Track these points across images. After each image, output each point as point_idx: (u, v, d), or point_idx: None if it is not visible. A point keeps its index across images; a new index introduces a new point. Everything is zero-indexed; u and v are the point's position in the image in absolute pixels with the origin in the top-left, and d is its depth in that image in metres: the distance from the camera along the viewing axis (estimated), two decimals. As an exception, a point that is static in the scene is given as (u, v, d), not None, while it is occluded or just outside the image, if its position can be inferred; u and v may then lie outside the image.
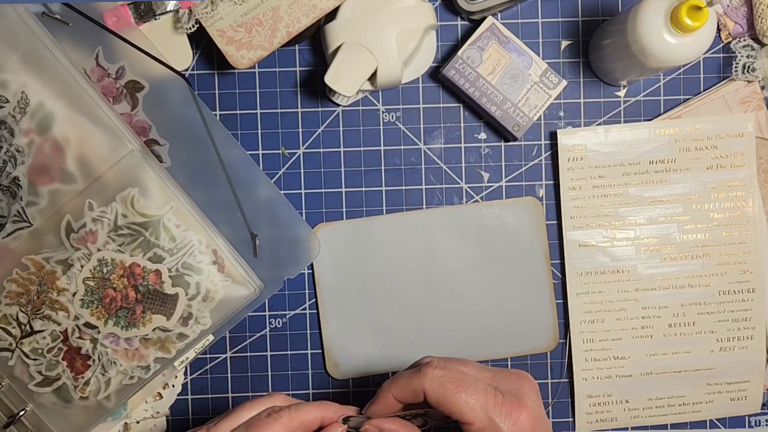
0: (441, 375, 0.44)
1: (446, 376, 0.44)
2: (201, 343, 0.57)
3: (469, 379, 0.44)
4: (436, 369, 0.44)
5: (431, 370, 0.44)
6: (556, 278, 0.61)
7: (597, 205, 0.60)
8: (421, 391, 0.44)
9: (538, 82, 0.57)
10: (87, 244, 0.55)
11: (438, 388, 0.44)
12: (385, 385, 0.47)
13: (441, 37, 0.60)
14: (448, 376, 0.44)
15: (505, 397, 0.44)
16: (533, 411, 0.44)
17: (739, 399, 0.61)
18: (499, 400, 0.43)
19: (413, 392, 0.45)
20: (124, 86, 0.56)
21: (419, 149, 0.60)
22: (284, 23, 0.53)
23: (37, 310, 0.56)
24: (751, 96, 0.60)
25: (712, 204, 0.60)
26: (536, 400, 0.45)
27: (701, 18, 0.47)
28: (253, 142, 0.60)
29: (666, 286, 0.60)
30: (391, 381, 0.46)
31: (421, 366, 0.45)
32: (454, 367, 0.45)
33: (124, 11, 0.55)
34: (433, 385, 0.44)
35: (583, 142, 0.59)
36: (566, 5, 0.60)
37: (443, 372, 0.44)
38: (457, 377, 0.44)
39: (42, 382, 0.57)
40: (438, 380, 0.44)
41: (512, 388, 0.45)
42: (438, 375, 0.44)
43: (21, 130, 0.54)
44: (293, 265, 0.59)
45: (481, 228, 0.60)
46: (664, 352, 0.61)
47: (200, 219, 0.56)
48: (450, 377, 0.44)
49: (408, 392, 0.45)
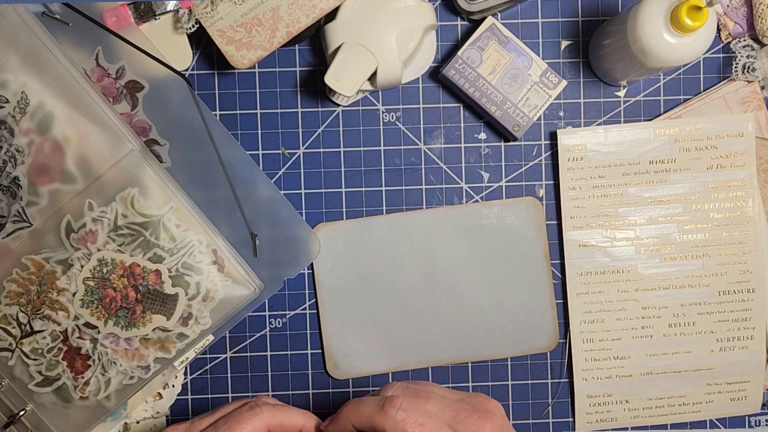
0: (403, 419, 0.44)
1: (408, 420, 0.44)
2: (201, 343, 0.57)
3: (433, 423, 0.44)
4: (399, 411, 0.44)
5: (394, 411, 0.44)
6: (556, 278, 0.61)
7: (597, 205, 0.60)
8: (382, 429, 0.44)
9: (538, 82, 0.57)
10: (87, 244, 0.55)
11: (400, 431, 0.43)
12: (347, 409, 0.46)
13: (441, 37, 0.60)
14: (410, 420, 0.44)
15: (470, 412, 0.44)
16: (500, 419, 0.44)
17: (739, 399, 0.61)
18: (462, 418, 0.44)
19: (372, 427, 0.45)
20: (124, 86, 0.56)
21: (419, 149, 0.60)
22: (284, 23, 0.53)
23: (37, 310, 0.56)
24: (751, 96, 0.60)
25: (712, 204, 0.60)
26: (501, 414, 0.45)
27: (701, 18, 0.47)
28: (253, 142, 0.60)
29: (666, 286, 0.60)
30: (354, 407, 0.46)
31: (385, 403, 0.45)
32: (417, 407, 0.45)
33: (124, 11, 0.55)
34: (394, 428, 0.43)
35: (583, 142, 0.59)
36: (566, 5, 0.60)
37: (405, 415, 0.44)
38: (420, 421, 0.44)
39: (42, 382, 0.57)
40: (400, 424, 0.43)
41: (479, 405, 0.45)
42: (400, 418, 0.44)
43: (21, 130, 0.54)
44: (293, 265, 0.59)
45: (481, 228, 0.60)
46: (664, 352, 0.61)
47: (200, 219, 0.56)
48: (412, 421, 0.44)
49: (368, 426, 0.45)
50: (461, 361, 0.61)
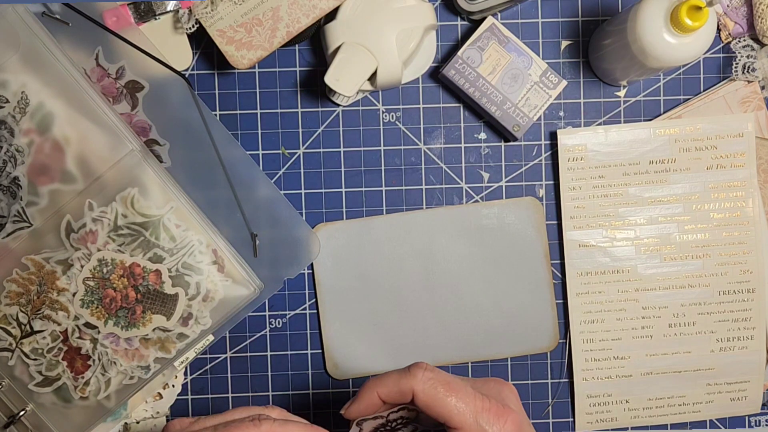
0: (431, 377, 0.44)
1: (436, 378, 0.44)
2: (201, 343, 0.57)
3: (458, 383, 0.44)
4: (426, 371, 0.44)
5: (421, 371, 0.44)
6: (556, 278, 0.61)
7: (597, 205, 0.60)
8: (410, 391, 0.44)
9: (538, 82, 0.57)
10: (87, 244, 0.55)
11: (429, 389, 0.43)
12: (370, 383, 0.46)
13: (441, 37, 0.60)
14: (439, 378, 0.44)
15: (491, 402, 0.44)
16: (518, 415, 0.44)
17: (739, 399, 0.61)
18: (486, 406, 0.43)
19: (401, 392, 0.44)
20: (124, 86, 0.56)
21: (419, 149, 0.60)
22: (284, 23, 0.53)
23: (37, 310, 0.56)
24: (751, 96, 0.60)
25: (712, 204, 0.60)
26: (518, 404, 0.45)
27: (701, 18, 0.47)
28: (253, 142, 0.60)
29: (666, 286, 0.60)
30: (377, 379, 0.46)
31: (412, 367, 0.45)
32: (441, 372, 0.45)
33: (124, 11, 0.55)
34: (424, 387, 0.44)
35: (583, 142, 0.59)
36: (566, 5, 0.60)
37: (433, 374, 0.44)
38: (447, 380, 0.44)
39: (42, 382, 0.57)
40: (429, 382, 0.44)
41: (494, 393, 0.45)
42: (429, 377, 0.44)
43: (21, 130, 0.54)
44: (293, 265, 0.59)
45: (481, 228, 0.60)
46: (664, 352, 0.61)
47: (200, 219, 0.56)
48: (440, 380, 0.44)
49: (395, 392, 0.45)
50: (461, 361, 0.61)
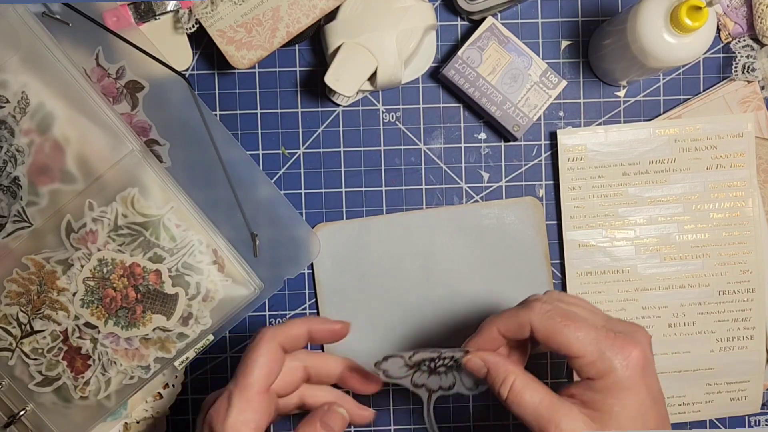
0: (549, 309, 0.44)
1: (554, 310, 0.44)
2: (201, 343, 0.57)
3: (578, 315, 0.44)
4: (545, 303, 0.44)
5: (539, 304, 0.44)
6: (556, 278, 0.61)
7: (597, 205, 0.60)
8: (528, 324, 0.44)
9: (538, 82, 0.57)
10: (87, 244, 0.55)
11: (546, 321, 0.43)
12: (490, 320, 0.46)
13: (441, 37, 0.60)
14: (557, 310, 0.44)
15: (617, 334, 0.43)
16: (646, 351, 0.43)
17: (738, 399, 0.61)
18: (611, 336, 0.42)
19: (519, 325, 0.44)
20: (124, 86, 0.56)
21: (419, 149, 0.60)
22: (284, 23, 0.53)
23: (37, 309, 0.56)
24: (751, 96, 0.60)
25: (712, 204, 0.60)
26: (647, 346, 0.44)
27: (701, 18, 0.47)
28: (253, 142, 0.60)
29: (666, 286, 0.60)
30: (496, 315, 0.46)
31: (529, 301, 0.45)
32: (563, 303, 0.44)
33: (124, 11, 0.55)
34: (541, 319, 0.43)
35: (583, 142, 0.59)
36: (566, 5, 0.60)
37: (551, 307, 0.44)
38: (565, 312, 0.44)
39: (42, 381, 0.57)
40: (546, 314, 0.43)
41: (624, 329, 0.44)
42: (546, 309, 0.44)
43: (21, 130, 0.54)
44: (293, 265, 0.59)
45: (481, 228, 0.60)
46: (664, 352, 0.61)
47: (200, 219, 0.56)
48: (558, 311, 0.43)
49: (514, 325, 0.45)
50: (461, 361, 0.61)
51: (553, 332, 0.43)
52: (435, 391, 0.49)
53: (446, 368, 0.48)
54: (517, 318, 0.45)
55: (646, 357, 0.42)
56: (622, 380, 0.41)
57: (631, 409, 0.41)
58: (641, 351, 0.42)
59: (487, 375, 0.45)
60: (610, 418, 0.41)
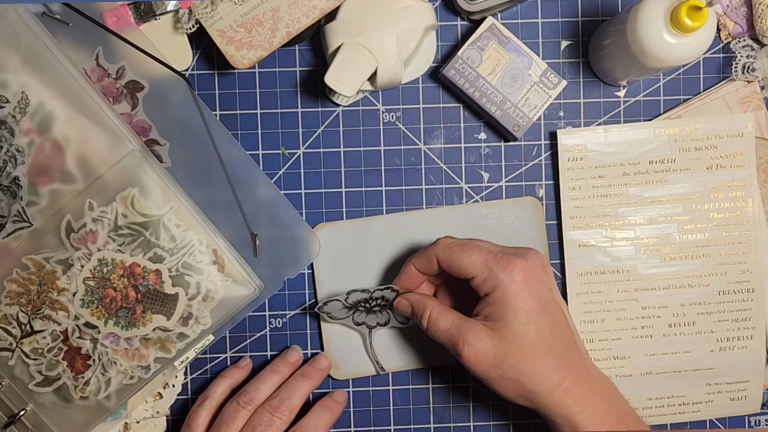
0: (451, 242, 0.51)
1: (455, 242, 0.51)
2: (201, 343, 0.57)
3: (474, 243, 0.51)
4: (447, 238, 0.52)
5: (443, 239, 0.52)
6: (556, 278, 0.61)
7: (597, 205, 0.60)
8: (434, 257, 0.51)
9: (538, 82, 0.57)
10: (87, 244, 0.55)
11: (447, 250, 0.51)
12: (408, 260, 0.54)
13: (441, 37, 0.60)
14: (457, 242, 0.51)
15: (504, 255, 0.49)
16: (530, 264, 0.49)
17: (738, 399, 0.61)
18: (499, 256, 0.49)
19: (428, 260, 0.52)
20: (124, 86, 0.56)
21: (419, 149, 0.60)
22: (284, 23, 0.53)
23: (38, 310, 0.56)
24: (751, 96, 0.60)
25: (712, 204, 0.60)
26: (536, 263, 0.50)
27: (701, 18, 0.47)
28: (253, 142, 0.60)
29: (666, 286, 0.60)
30: (412, 256, 0.54)
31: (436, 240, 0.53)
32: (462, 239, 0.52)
33: (124, 11, 0.55)
34: (443, 250, 0.51)
35: (583, 142, 0.59)
36: (566, 5, 0.60)
37: (453, 240, 0.52)
38: (464, 242, 0.51)
39: (42, 381, 0.57)
40: (448, 246, 0.51)
41: (516, 252, 0.50)
42: (448, 242, 0.51)
43: (21, 130, 0.54)
44: (293, 265, 0.59)
45: (481, 228, 0.60)
46: (664, 352, 0.61)
47: (200, 219, 0.56)
48: (458, 242, 0.51)
49: (425, 261, 0.52)
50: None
51: (452, 259, 0.50)
52: (373, 327, 0.59)
53: (380, 307, 0.57)
54: (425, 253, 0.52)
55: (529, 269, 0.49)
56: (509, 291, 0.48)
57: (521, 314, 0.48)
58: (524, 264, 0.49)
59: (411, 311, 0.53)
60: (505, 324, 0.48)
